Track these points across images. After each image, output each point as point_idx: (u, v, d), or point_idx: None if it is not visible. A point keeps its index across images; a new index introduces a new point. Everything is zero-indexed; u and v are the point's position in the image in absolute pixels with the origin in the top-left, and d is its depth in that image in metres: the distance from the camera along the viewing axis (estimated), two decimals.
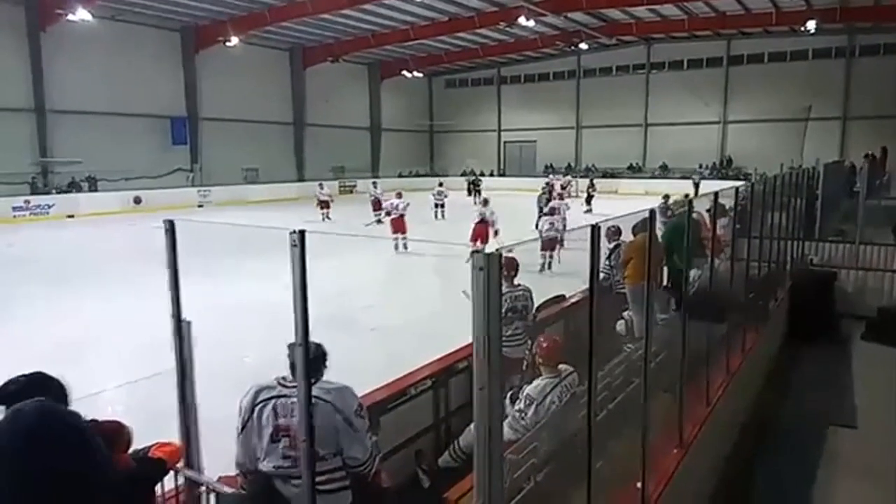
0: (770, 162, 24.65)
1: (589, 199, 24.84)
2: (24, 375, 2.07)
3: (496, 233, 14.12)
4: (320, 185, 23.16)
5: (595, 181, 28.49)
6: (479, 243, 13.62)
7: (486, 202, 15.31)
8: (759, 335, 7.25)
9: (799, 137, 29.78)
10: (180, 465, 2.77)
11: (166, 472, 2.58)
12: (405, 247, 15.64)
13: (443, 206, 22.92)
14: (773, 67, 33.02)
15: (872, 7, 26.27)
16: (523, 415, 3.81)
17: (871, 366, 9.21)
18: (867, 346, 9.99)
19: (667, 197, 15.26)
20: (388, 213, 16.17)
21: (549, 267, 12.27)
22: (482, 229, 14.20)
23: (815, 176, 14.23)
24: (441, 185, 24.66)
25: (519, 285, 5.27)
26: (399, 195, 16.36)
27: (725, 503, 5.44)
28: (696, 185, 28.60)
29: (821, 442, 6.87)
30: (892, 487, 5.96)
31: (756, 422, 7.04)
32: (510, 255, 5.27)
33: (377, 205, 19.30)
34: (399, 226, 15.70)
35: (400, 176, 36.56)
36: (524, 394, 3.89)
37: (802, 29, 27.61)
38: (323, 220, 20.82)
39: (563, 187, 23.63)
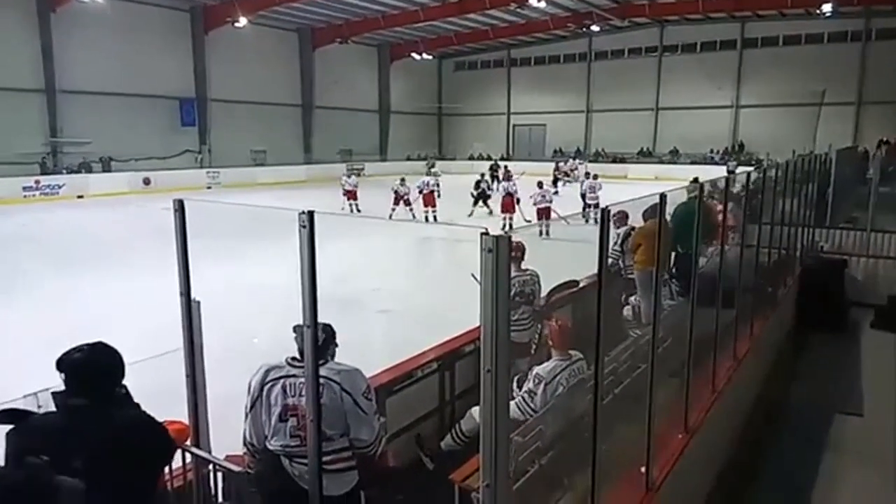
0: (782, 147, 24.44)
1: (555, 182, 24.86)
2: (87, 344, 2.12)
3: (518, 201, 16.65)
4: (348, 173, 21.70)
5: (560, 164, 28.86)
6: (508, 215, 16.52)
7: (508, 177, 18.70)
8: (767, 322, 7.22)
9: (812, 123, 29.38)
10: (188, 443, 2.81)
11: (175, 451, 2.61)
12: (435, 219, 17.76)
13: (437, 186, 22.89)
14: (788, 51, 32.49)
15: None
16: (532, 395, 3.82)
17: (880, 354, 9.17)
18: (876, 334, 9.94)
19: (696, 180, 15.76)
20: (420, 191, 18.07)
21: (547, 233, 13.73)
22: (508, 201, 16.72)
23: (828, 162, 14.08)
24: (433, 166, 24.99)
25: (526, 269, 5.26)
26: (428, 174, 19.42)
27: (730, 489, 5.46)
28: (731, 173, 28.10)
29: (827, 429, 6.87)
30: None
31: (762, 408, 7.03)
32: (517, 239, 5.27)
33: (398, 199, 18.43)
34: (429, 200, 17.89)
35: (409, 159, 36.47)
36: (534, 373, 3.90)
37: (818, 11, 27.16)
38: (352, 211, 19.47)
39: (572, 170, 23.78)
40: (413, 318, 8.25)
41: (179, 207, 2.69)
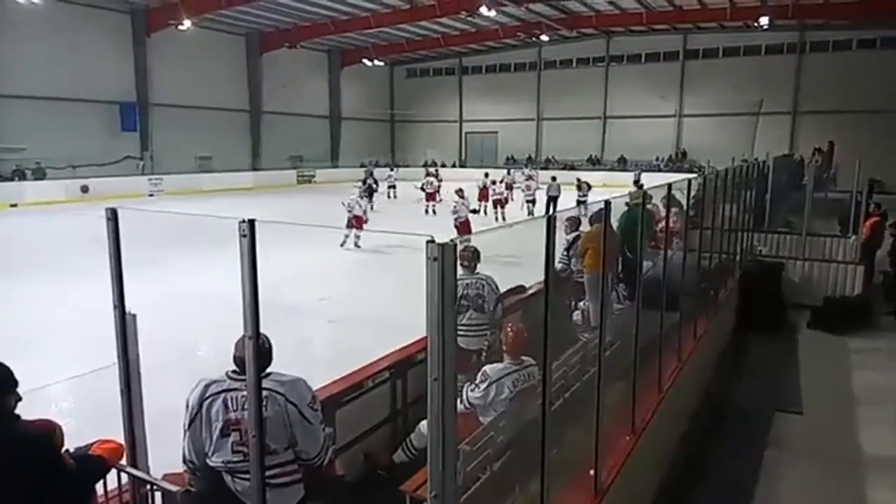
0: (723, 155, 25.25)
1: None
2: None
3: (493, 192, 20.81)
4: (363, 187, 17.80)
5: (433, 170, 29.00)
6: (483, 202, 20.39)
7: (486, 174, 22.48)
8: (710, 323, 7.42)
9: (751, 131, 30.60)
10: (123, 462, 2.68)
11: (108, 471, 2.49)
12: (434, 212, 20.88)
13: (371, 196, 21.84)
14: (727, 62, 33.84)
15: (823, 4, 27.08)
16: (475, 388, 3.84)
17: (817, 354, 9.53)
18: (812, 334, 10.33)
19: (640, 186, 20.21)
20: (422, 188, 21.46)
21: (504, 218, 18.55)
22: (484, 192, 21.01)
23: (765, 169, 14.62)
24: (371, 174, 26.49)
25: (479, 274, 5.24)
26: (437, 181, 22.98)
27: (675, 487, 5.57)
28: (637, 182, 28.01)
29: (768, 427, 7.09)
30: (835, 470, 6.21)
31: (706, 408, 7.21)
32: (472, 245, 5.27)
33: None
34: (431, 198, 21.46)
35: (362, 166, 36.20)
36: (482, 371, 3.91)
37: (756, 24, 28.29)
38: (355, 244, 14.72)
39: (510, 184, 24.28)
40: (363, 326, 8.15)
41: (112, 216, 2.57)
